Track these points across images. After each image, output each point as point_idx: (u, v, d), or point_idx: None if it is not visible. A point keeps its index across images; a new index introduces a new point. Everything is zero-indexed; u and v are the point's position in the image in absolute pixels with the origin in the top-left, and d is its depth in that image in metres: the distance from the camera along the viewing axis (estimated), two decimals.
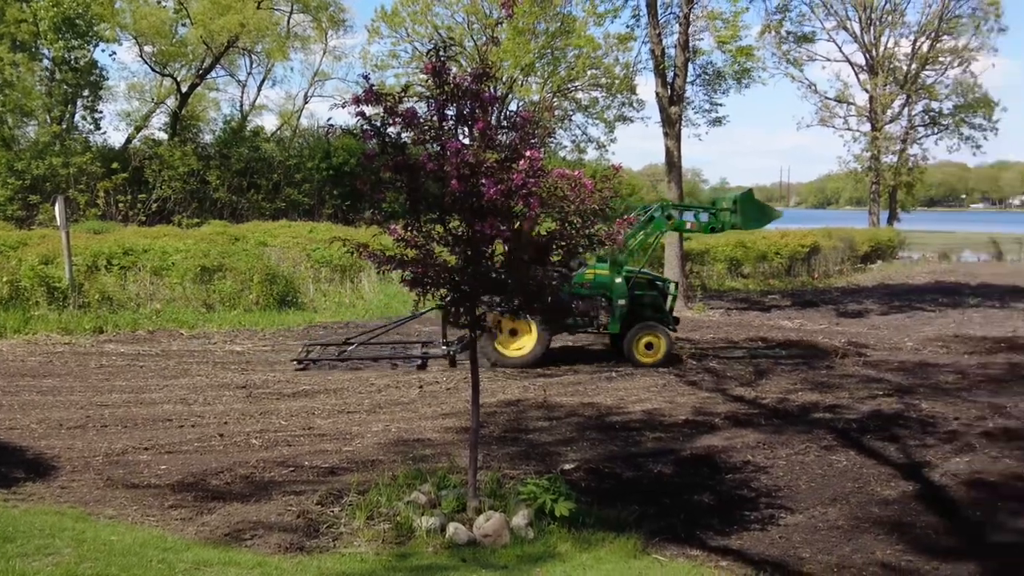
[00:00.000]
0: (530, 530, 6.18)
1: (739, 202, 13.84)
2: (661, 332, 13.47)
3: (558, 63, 28.91)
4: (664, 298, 14.01)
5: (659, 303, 13.88)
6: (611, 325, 13.38)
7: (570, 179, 6.22)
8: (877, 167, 42.11)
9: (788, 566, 5.92)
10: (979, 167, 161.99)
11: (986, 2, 39.70)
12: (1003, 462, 8.35)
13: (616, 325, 13.38)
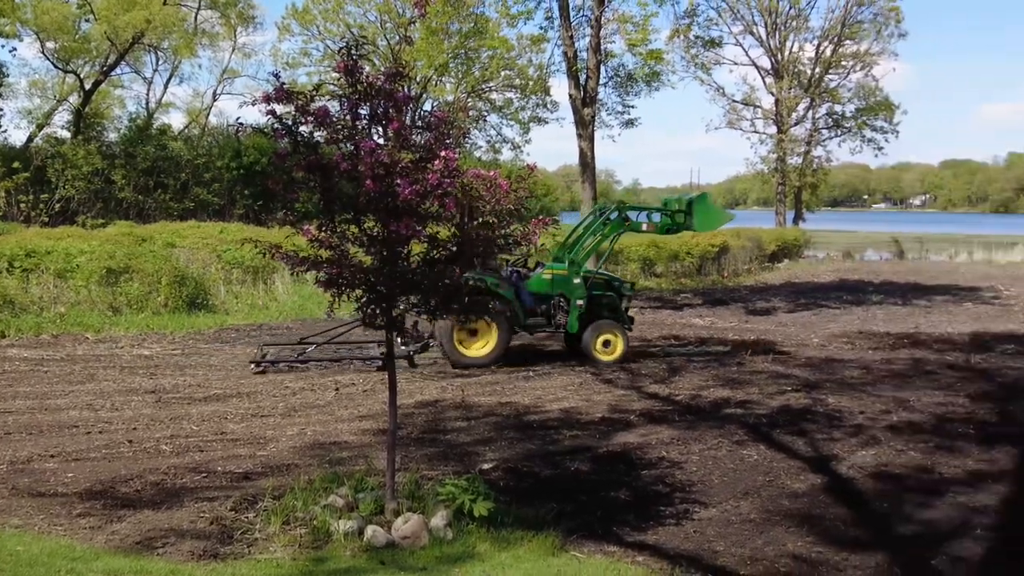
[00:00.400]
0: (449, 531, 6.17)
1: (693, 204, 14.10)
2: (619, 331, 13.77)
3: (472, 63, 28.84)
4: (620, 298, 14.22)
5: (615, 303, 14.12)
6: (570, 324, 13.56)
7: (485, 179, 6.24)
8: (783, 168, 43.26)
9: (702, 560, 6.03)
10: (881, 168, 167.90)
11: (887, 8, 41.15)
12: (907, 454, 8.64)
13: (575, 324, 13.57)
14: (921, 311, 21.30)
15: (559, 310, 13.61)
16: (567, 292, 13.59)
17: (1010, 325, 18.72)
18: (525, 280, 13.58)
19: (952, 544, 6.30)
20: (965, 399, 11.09)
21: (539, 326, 13.71)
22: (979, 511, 6.99)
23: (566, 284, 13.60)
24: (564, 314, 13.59)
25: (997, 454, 8.62)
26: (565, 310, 13.59)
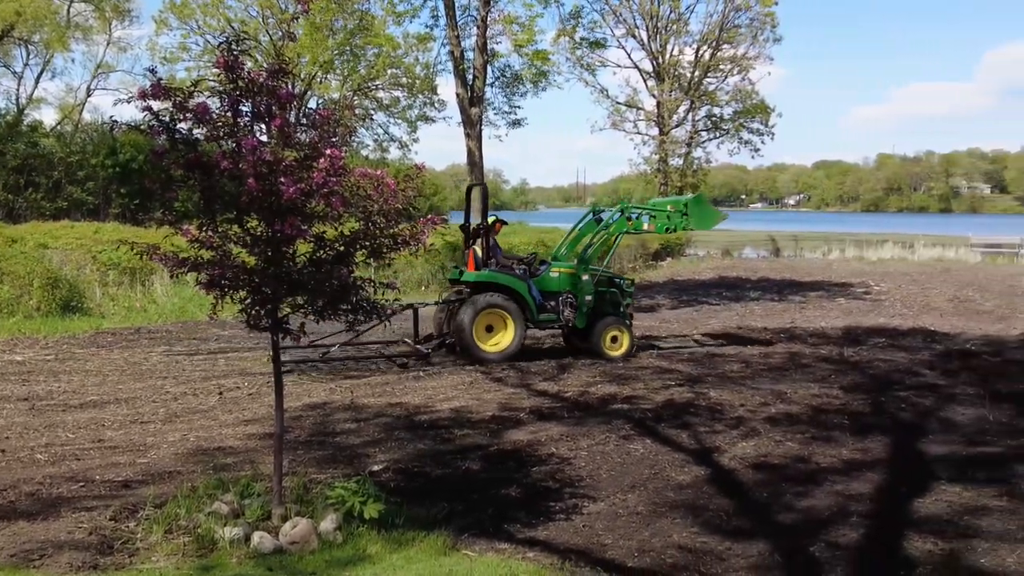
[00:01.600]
0: (339, 534, 6.08)
1: (690, 205, 14.91)
2: (625, 327, 14.38)
3: (358, 61, 28.57)
4: (622, 295, 14.79)
5: (618, 300, 14.70)
6: (578, 320, 14.15)
7: (373, 178, 6.17)
8: (665, 169, 44.28)
9: (592, 553, 6.11)
10: (757, 169, 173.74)
11: (762, 13, 42.56)
12: (786, 445, 8.94)
13: (583, 320, 14.18)
14: (796, 307, 22.10)
15: (567, 306, 14.10)
16: (575, 289, 14.20)
17: (880, 319, 19.60)
18: (534, 278, 14.03)
19: (830, 531, 6.54)
20: (839, 391, 11.54)
21: (550, 322, 14.23)
22: (854, 498, 7.29)
23: (574, 281, 14.23)
24: (572, 310, 14.11)
25: (870, 443, 9.01)
26: (573, 306, 14.13)
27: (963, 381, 12.20)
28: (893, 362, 13.77)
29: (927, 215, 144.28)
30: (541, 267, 14.46)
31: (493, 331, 13.71)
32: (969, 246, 45.83)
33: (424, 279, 24.49)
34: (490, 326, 13.67)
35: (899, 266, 36.86)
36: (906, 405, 10.75)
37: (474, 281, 13.75)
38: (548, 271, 14.29)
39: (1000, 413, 10.26)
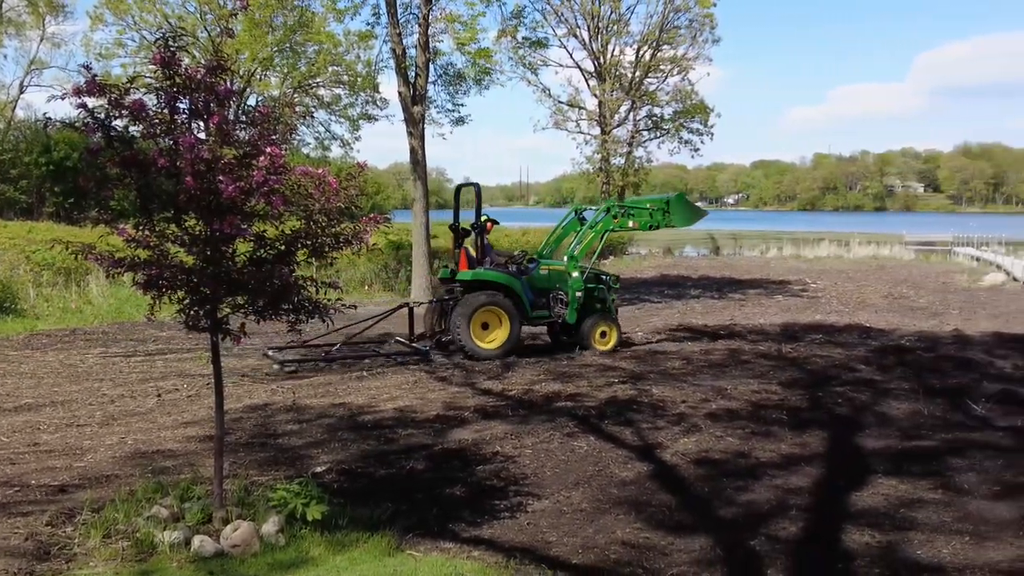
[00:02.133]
0: (281, 537, 6.01)
1: (672, 203, 15.32)
2: (613, 322, 14.93)
3: (298, 58, 28.22)
4: (608, 290, 15.28)
5: (604, 296, 15.20)
6: (569, 316, 14.56)
7: (314, 177, 6.11)
8: (607, 168, 44.51)
9: (536, 551, 6.12)
10: (697, 168, 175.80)
11: (702, 15, 42.98)
12: (726, 440, 9.06)
13: (573, 315, 14.58)
14: (736, 304, 22.42)
15: (558, 303, 14.62)
16: (565, 286, 14.65)
17: (817, 316, 19.97)
18: (524, 276, 14.35)
19: (770, 525, 6.64)
20: (778, 386, 11.73)
21: (542, 318, 14.68)
22: (793, 492, 7.41)
23: (564, 279, 14.69)
24: (562, 306, 14.58)
25: (808, 438, 9.16)
26: (564, 303, 14.58)
27: (898, 376, 12.47)
28: (830, 358, 14.03)
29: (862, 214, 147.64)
30: (530, 265, 14.73)
31: (488, 328, 14.00)
32: (903, 244, 46.98)
33: (367, 278, 24.36)
34: (485, 323, 13.96)
35: (835, 264, 37.61)
36: (843, 400, 10.96)
37: (470, 280, 14.00)
38: (538, 269, 14.71)
39: (934, 407, 10.51)
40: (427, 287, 21.16)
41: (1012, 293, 25.61)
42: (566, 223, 15.82)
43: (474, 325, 13.76)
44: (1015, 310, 21.30)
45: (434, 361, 13.69)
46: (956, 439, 9.12)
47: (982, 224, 53.21)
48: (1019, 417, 10.04)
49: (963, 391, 11.36)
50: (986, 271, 32.03)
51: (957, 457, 8.42)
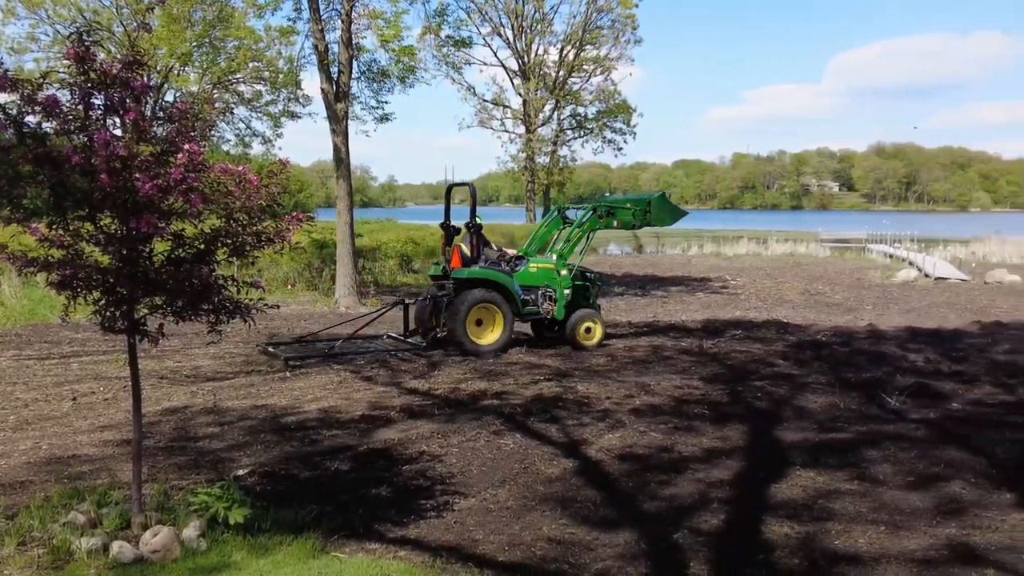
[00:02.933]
0: (203, 541, 5.90)
1: (653, 203, 15.57)
2: (598, 318, 15.32)
3: (217, 54, 27.72)
4: (593, 287, 15.81)
5: (589, 293, 15.68)
6: (557, 312, 14.99)
7: (234, 174, 6.00)
8: (532, 167, 44.78)
9: (463, 549, 6.13)
10: (620, 167, 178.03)
11: (624, 16, 43.49)
12: (650, 436, 9.18)
13: (561, 312, 15.00)
14: (659, 301, 22.73)
15: (547, 300, 14.98)
16: (553, 283, 15.05)
17: (737, 312, 20.36)
18: (514, 274, 14.83)
19: (692, 518, 6.76)
20: (699, 382, 11.93)
21: (533, 315, 14.97)
22: (715, 485, 7.54)
23: (553, 276, 15.08)
24: (551, 303, 14.97)
25: (729, 432, 9.34)
26: (552, 299, 14.98)
27: (815, 370, 12.80)
28: (750, 353, 14.33)
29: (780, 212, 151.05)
30: (519, 263, 15.18)
31: (483, 325, 14.34)
32: (819, 241, 48.18)
33: (290, 277, 24.04)
34: (480, 320, 14.29)
35: (754, 261, 38.38)
36: (762, 394, 11.20)
37: (466, 277, 14.28)
38: (527, 267, 15.06)
39: (850, 401, 10.82)
40: (352, 286, 20.96)
41: (923, 289, 26.48)
42: (550, 222, 16.28)
43: (469, 322, 14.08)
44: (926, 305, 22.03)
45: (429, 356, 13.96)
46: (871, 431, 9.39)
47: (895, 222, 54.81)
48: (931, 409, 10.39)
49: (877, 384, 11.70)
50: (899, 268, 33.03)
51: (872, 449, 8.67)
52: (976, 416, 10.08)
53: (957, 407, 10.55)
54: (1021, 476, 7.81)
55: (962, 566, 5.83)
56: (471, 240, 14.66)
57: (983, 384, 11.85)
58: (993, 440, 9.00)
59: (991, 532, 6.45)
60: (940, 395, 11.14)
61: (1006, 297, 24.10)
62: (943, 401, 10.84)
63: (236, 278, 6.24)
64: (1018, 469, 8.03)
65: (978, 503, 7.10)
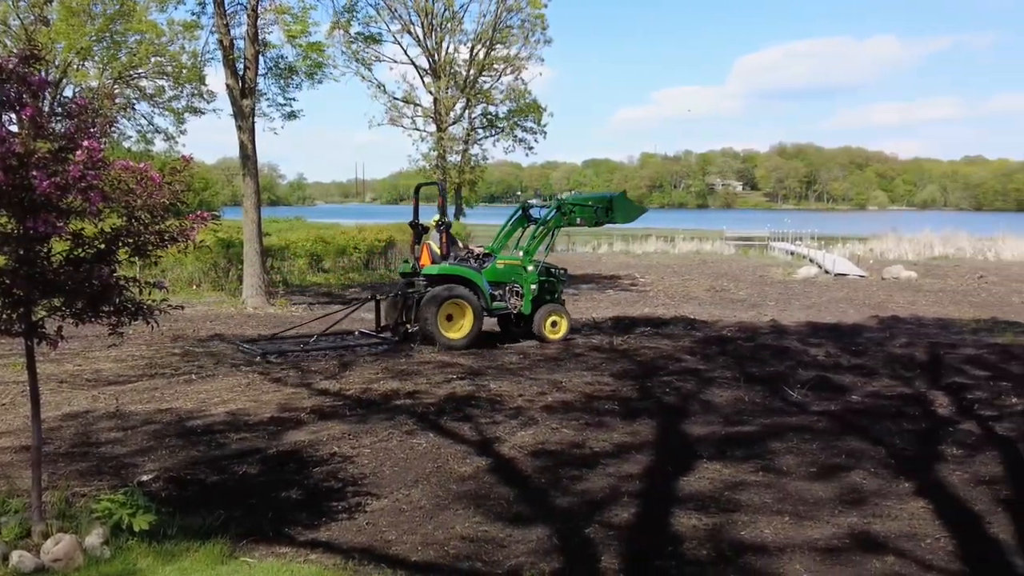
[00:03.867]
0: (106, 549, 5.74)
1: (615, 201, 16.18)
2: (564, 312, 15.92)
3: (119, 48, 26.89)
4: (558, 283, 16.31)
5: (555, 288, 16.19)
6: (524, 307, 15.51)
7: (136, 172, 5.85)
8: (444, 166, 44.57)
9: (376, 550, 6.09)
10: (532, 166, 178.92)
11: (534, 15, 43.64)
12: (562, 432, 9.26)
13: (528, 306, 15.52)
14: (569, 299, 22.86)
15: (514, 295, 15.51)
16: (520, 279, 15.52)
17: (646, 309, 20.71)
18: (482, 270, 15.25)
19: (604, 512, 6.84)
20: (610, 378, 12.09)
21: (501, 310, 15.49)
22: (626, 480, 7.66)
23: (519, 272, 15.56)
24: (518, 298, 15.49)
25: (639, 427, 9.49)
26: (519, 295, 15.50)
27: (721, 365, 13.10)
28: (658, 349, 14.58)
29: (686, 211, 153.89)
30: (487, 260, 15.56)
31: (453, 320, 14.79)
32: (724, 240, 49.24)
33: (195, 278, 23.50)
34: (450, 315, 14.74)
35: (662, 259, 39.07)
36: (671, 390, 11.41)
37: (436, 274, 14.80)
38: (495, 263, 15.46)
39: (754, 394, 11.10)
40: (260, 286, 20.60)
41: (823, 285, 27.33)
42: (514, 219, 16.61)
43: (440, 317, 14.48)
44: (826, 301, 22.76)
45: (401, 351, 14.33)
46: (775, 424, 9.65)
47: (796, 220, 56.37)
48: (832, 402, 10.73)
49: (780, 378, 12.04)
50: (800, 265, 34.01)
51: (776, 441, 8.92)
52: (875, 408, 10.45)
53: (857, 399, 10.93)
54: (919, 466, 8.13)
55: (863, 554, 6.05)
56: (440, 238, 15.10)
57: (881, 377, 12.29)
58: (892, 431, 9.35)
59: (891, 520, 6.71)
60: (840, 388, 11.52)
61: (902, 292, 25.06)
62: (843, 394, 11.22)
63: (138, 278, 6.08)
64: (916, 459, 8.36)
65: (878, 492, 7.37)
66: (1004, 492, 7.34)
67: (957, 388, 11.41)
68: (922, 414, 10.16)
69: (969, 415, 10.07)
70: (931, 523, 6.63)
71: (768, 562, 5.92)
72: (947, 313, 20.28)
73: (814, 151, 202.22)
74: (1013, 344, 15.08)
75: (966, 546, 6.18)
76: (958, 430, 9.37)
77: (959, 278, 29.09)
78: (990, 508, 6.95)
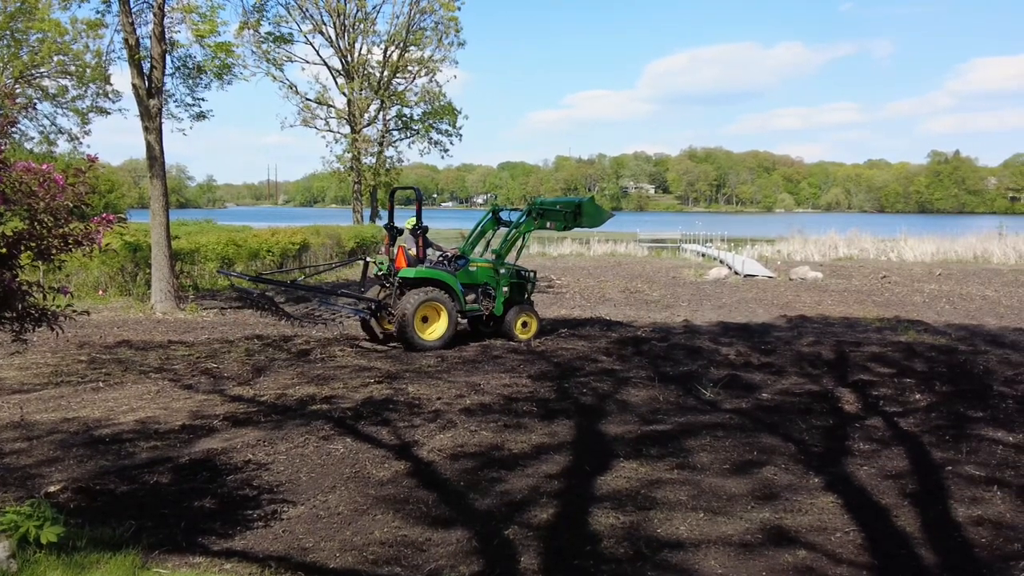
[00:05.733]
0: (13, 562, 5.53)
1: (583, 206, 16.35)
2: (534, 313, 16.32)
3: (20, 46, 26.00)
4: (527, 284, 16.69)
5: (525, 289, 16.64)
6: (496, 308, 15.92)
7: (38, 173, 5.67)
8: (358, 167, 44.29)
9: (293, 558, 6.01)
10: (447, 169, 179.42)
11: (447, 18, 43.65)
12: (481, 434, 9.26)
13: (500, 308, 15.93)
14: None
15: (486, 297, 15.88)
16: (491, 281, 15.94)
17: (563, 311, 20.87)
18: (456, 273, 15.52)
19: (523, 513, 6.87)
20: (528, 379, 12.15)
21: (475, 312, 15.77)
22: (545, 480, 7.70)
23: (492, 275, 15.98)
24: (490, 300, 15.90)
25: (557, 427, 9.56)
26: (491, 296, 15.91)
27: (636, 365, 13.28)
28: (575, 350, 14.70)
29: None
30: (460, 263, 15.81)
31: (428, 322, 15.03)
32: (637, 241, 49.96)
33: (101, 282, 22.81)
34: (425, 317, 14.97)
35: (577, 261, 39.40)
36: (587, 390, 11.52)
37: (412, 277, 14.95)
38: (468, 266, 15.79)
39: (669, 393, 11.28)
40: (169, 291, 20.10)
41: (733, 286, 27.93)
42: (484, 222, 16.92)
43: (416, 319, 14.70)
44: (736, 301, 23.26)
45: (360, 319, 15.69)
46: (689, 422, 9.83)
47: (707, 222, 57.57)
48: (744, 400, 10.98)
49: (694, 377, 12.26)
50: (711, 266, 34.68)
51: (691, 438, 9.07)
52: (785, 405, 10.72)
53: (767, 397, 11.20)
54: (828, 461, 8.38)
55: (776, 548, 6.20)
56: (416, 241, 15.30)
57: (790, 375, 12.62)
58: (801, 427, 9.61)
59: (802, 515, 6.89)
60: (751, 386, 11.79)
61: (809, 292, 25.78)
62: (754, 391, 11.48)
63: (42, 283, 5.89)
64: (825, 455, 8.61)
65: (789, 487, 7.57)
66: (910, 486, 7.61)
67: (863, 385, 11.78)
68: (830, 410, 10.46)
69: (875, 411, 10.41)
70: (840, 517, 6.84)
71: (684, 557, 6.02)
72: (852, 312, 20.92)
73: (723, 155, 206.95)
74: (916, 342, 15.64)
75: (875, 539, 6.39)
76: (865, 426, 9.68)
77: (863, 278, 30.04)
78: (897, 502, 7.20)
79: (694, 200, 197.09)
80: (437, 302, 14.92)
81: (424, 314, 14.94)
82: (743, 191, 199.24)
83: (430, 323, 15.06)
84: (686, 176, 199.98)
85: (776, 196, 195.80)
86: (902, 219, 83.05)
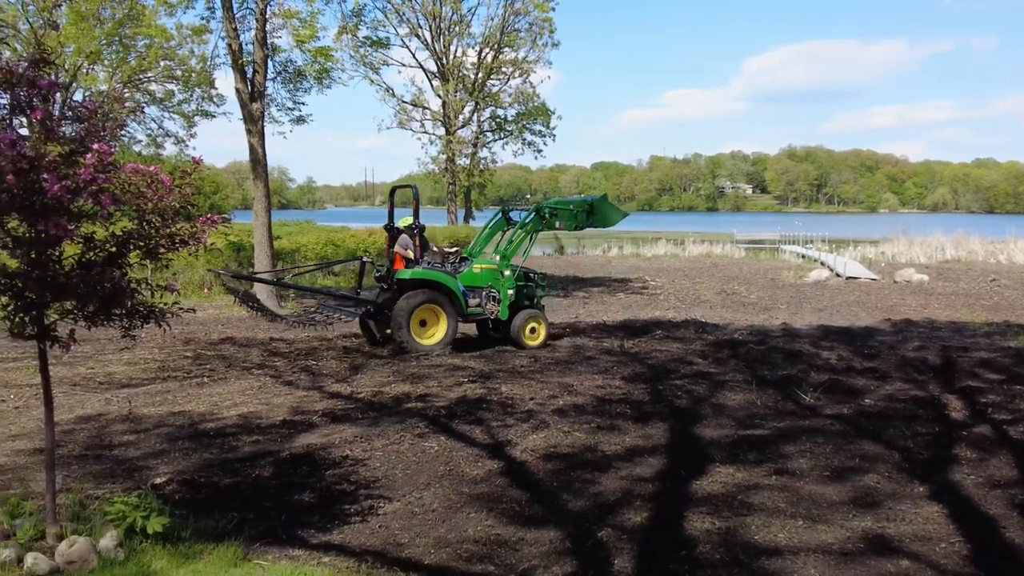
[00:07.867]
0: (120, 551, 5.73)
1: (595, 204, 16.06)
2: (542, 318, 15.55)
3: (128, 52, 27.02)
4: (536, 288, 16.06)
5: (533, 293, 15.93)
6: (501, 312, 15.17)
7: (146, 175, 5.84)
8: (452, 168, 44.71)
9: (388, 553, 6.08)
10: (541, 169, 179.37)
11: (541, 19, 43.70)
12: (573, 435, 9.23)
13: (506, 312, 15.19)
14: (580, 302, 22.90)
15: (490, 300, 15.15)
16: (497, 284, 15.22)
17: (656, 312, 20.65)
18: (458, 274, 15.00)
19: (616, 515, 6.82)
20: (621, 381, 12.06)
21: (477, 315, 15.15)
22: (638, 483, 7.62)
23: (496, 276, 15.26)
24: (495, 304, 15.14)
25: (650, 430, 9.46)
26: (496, 300, 15.15)
27: (732, 368, 13.05)
28: (669, 352, 14.53)
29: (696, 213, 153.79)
30: (463, 264, 15.29)
31: (427, 325, 14.59)
32: (734, 242, 49.11)
33: (206, 281, 23.53)
34: (424, 320, 14.53)
35: (672, 262, 38.95)
36: (682, 393, 11.37)
37: (409, 279, 14.43)
38: (471, 267, 15.18)
39: (766, 398, 11.05)
40: (271, 289, 20.62)
41: (835, 288, 27.21)
42: (493, 223, 16.44)
43: (413, 322, 14.22)
44: (838, 304, 22.66)
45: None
46: (788, 427, 9.60)
47: (806, 223, 56.30)
48: (845, 405, 10.67)
49: (793, 381, 11.98)
50: (811, 268, 33.87)
51: (789, 444, 8.87)
52: (888, 411, 10.38)
53: (870, 403, 10.86)
54: (932, 469, 8.08)
55: (877, 557, 6.00)
56: (414, 241, 14.77)
57: (894, 380, 12.22)
58: (905, 434, 9.29)
59: (905, 524, 6.66)
60: (853, 391, 11.46)
61: (914, 295, 24.94)
62: (856, 397, 11.15)
63: (150, 281, 6.08)
64: (929, 462, 8.31)
65: (892, 495, 7.32)
66: (1019, 496, 7.29)
67: (970, 391, 11.34)
68: (935, 417, 10.09)
69: (983, 418, 10.00)
70: (945, 527, 6.59)
71: (782, 565, 5.88)
72: (959, 316, 20.17)
73: (823, 154, 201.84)
74: None
75: (981, 551, 6.13)
76: (972, 433, 9.31)
77: (971, 281, 28.92)
78: (1005, 512, 6.90)
79: (793, 200, 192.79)
80: (435, 304, 14.47)
81: (422, 317, 14.47)
82: (845, 191, 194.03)
83: (428, 326, 14.59)
84: (785, 176, 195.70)
85: (880, 196, 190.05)
86: (1012, 220, 79.73)
